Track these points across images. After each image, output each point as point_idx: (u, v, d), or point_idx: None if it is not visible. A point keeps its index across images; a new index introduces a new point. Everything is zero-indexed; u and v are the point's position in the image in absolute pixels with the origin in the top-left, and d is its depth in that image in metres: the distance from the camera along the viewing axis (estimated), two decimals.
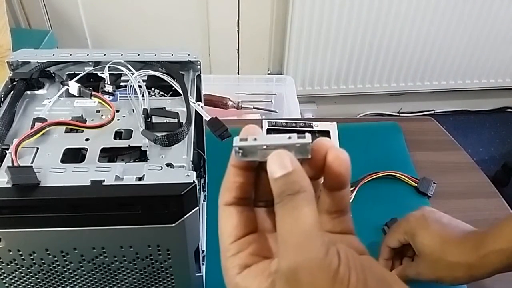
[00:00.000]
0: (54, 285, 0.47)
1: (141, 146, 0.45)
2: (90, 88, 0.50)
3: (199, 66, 0.55)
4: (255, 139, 0.27)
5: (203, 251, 0.59)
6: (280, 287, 0.25)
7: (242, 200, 0.29)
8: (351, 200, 0.71)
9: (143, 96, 0.48)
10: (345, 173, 0.28)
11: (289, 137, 0.27)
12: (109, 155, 0.47)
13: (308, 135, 0.27)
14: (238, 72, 1.75)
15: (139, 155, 0.46)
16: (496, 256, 0.49)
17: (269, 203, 0.29)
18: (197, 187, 0.40)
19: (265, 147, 0.26)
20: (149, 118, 0.46)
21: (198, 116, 0.51)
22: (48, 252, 0.42)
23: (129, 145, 0.45)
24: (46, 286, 0.47)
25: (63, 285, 0.47)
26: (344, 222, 0.29)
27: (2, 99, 0.48)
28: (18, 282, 0.46)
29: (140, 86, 0.49)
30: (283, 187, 0.25)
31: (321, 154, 0.28)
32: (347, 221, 0.30)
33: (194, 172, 0.40)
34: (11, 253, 0.42)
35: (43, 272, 0.45)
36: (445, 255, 0.52)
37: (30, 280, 0.46)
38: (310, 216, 0.25)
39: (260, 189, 0.30)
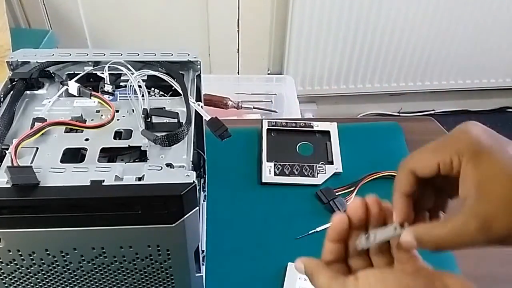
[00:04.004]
0: (54, 286, 0.47)
1: (141, 146, 0.45)
2: (90, 88, 0.50)
3: (199, 66, 0.54)
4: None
5: (203, 251, 0.59)
6: None
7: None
8: (351, 201, 0.71)
9: (143, 96, 0.48)
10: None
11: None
12: (109, 155, 0.47)
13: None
14: (238, 72, 1.75)
15: (139, 155, 0.46)
16: None
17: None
18: (197, 187, 0.40)
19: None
20: (149, 118, 0.46)
21: (198, 116, 0.51)
22: (47, 252, 0.42)
23: (129, 145, 0.45)
24: (45, 286, 0.47)
25: (62, 286, 0.47)
26: None
27: (2, 99, 0.48)
28: (18, 282, 0.46)
29: (140, 86, 0.49)
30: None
31: None
32: None
33: (194, 172, 0.40)
34: (10, 253, 0.42)
35: (43, 272, 0.45)
36: None
37: (30, 281, 0.46)
38: None
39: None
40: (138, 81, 0.49)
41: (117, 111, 0.48)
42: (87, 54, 0.53)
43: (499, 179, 0.30)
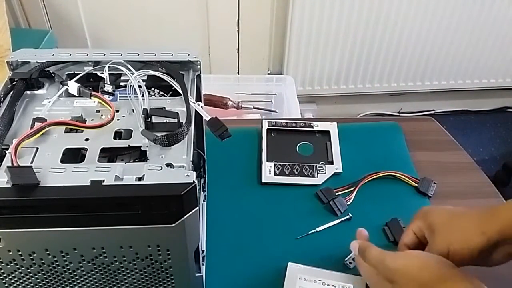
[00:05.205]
0: (54, 285, 0.47)
1: (141, 146, 0.45)
2: (90, 88, 0.50)
3: (199, 66, 0.54)
4: None
5: (203, 251, 0.59)
6: None
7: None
8: (351, 201, 0.72)
9: (143, 96, 0.48)
10: None
11: None
12: (109, 155, 0.47)
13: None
14: (238, 72, 1.75)
15: (139, 155, 0.46)
16: (507, 211, 0.50)
17: None
18: (197, 187, 0.40)
19: None
20: (149, 118, 0.46)
21: (198, 116, 0.51)
22: (48, 252, 0.42)
23: (129, 145, 0.45)
24: (46, 286, 0.47)
25: (63, 285, 0.47)
26: None
27: (2, 99, 0.48)
28: (18, 282, 0.46)
29: (140, 86, 0.49)
30: None
31: None
32: None
33: (194, 172, 0.40)
34: (10, 253, 0.42)
35: (43, 272, 0.45)
36: (457, 221, 0.54)
37: (30, 280, 0.46)
38: None
39: None
40: (138, 81, 0.50)
41: (117, 111, 0.48)
42: (87, 54, 0.53)
43: (441, 218, 0.55)
